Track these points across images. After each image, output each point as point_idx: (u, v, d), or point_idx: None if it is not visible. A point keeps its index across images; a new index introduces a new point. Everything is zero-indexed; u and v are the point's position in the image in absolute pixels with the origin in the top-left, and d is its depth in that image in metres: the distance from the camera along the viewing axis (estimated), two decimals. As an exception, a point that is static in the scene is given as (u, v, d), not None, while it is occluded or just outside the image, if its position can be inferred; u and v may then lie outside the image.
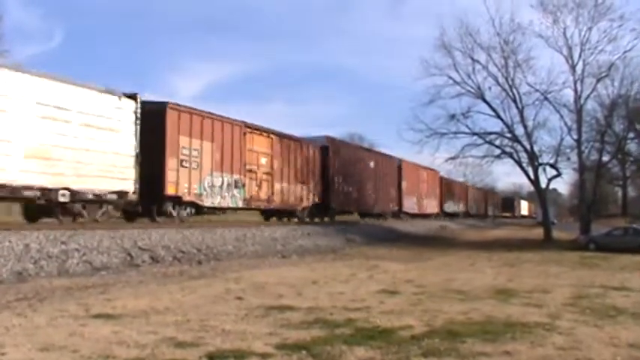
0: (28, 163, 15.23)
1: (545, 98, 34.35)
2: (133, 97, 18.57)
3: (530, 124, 34.98)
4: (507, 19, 33.84)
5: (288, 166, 27.38)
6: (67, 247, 13.89)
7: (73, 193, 16.50)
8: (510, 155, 35.97)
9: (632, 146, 41.62)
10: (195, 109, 21.32)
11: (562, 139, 35.56)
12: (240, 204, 23.96)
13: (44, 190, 15.69)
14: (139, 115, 18.63)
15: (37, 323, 7.47)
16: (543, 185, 37.01)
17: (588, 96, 34.59)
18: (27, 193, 15.35)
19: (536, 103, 34.81)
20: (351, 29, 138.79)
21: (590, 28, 32.98)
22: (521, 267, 17.98)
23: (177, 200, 20.42)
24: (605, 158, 38.37)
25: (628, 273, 16.63)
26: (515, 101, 34.53)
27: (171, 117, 19.87)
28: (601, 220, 46.31)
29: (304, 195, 29.12)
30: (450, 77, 34.69)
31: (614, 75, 35.41)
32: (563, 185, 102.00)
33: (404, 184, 43.53)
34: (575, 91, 34.05)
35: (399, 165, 42.84)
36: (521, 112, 34.60)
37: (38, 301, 9.20)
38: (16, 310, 8.33)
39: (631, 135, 39.31)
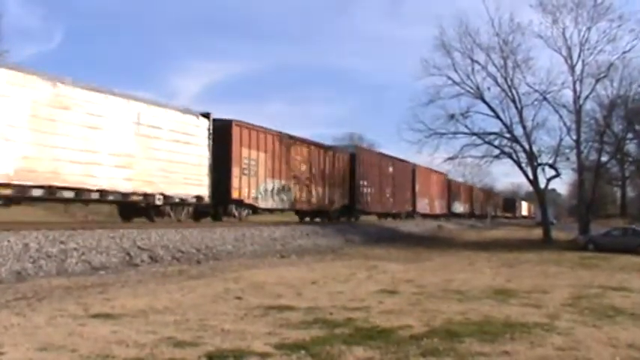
0: (133, 174, 18.49)
1: (545, 98, 34.41)
2: (206, 115, 21.82)
3: (529, 124, 35.05)
4: (506, 19, 33.90)
5: (324, 172, 31.04)
6: (66, 246, 13.89)
7: (166, 197, 19.84)
8: (509, 155, 36.01)
9: (631, 146, 41.77)
10: (252, 125, 24.59)
11: (561, 140, 35.63)
12: (287, 206, 27.86)
13: (146, 195, 19.09)
14: (211, 131, 21.76)
15: (36, 323, 7.46)
16: (542, 185, 37.05)
17: (587, 96, 34.67)
18: (134, 198, 18.83)
19: (536, 103, 34.88)
20: (350, 29, 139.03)
21: (589, 29, 33.06)
22: (520, 267, 18.00)
23: (239, 203, 23.74)
24: (604, 158, 38.46)
25: (627, 273, 16.65)
26: (514, 101, 34.59)
27: (235, 132, 23.18)
28: (600, 221, 46.39)
29: (336, 197, 32.62)
30: (449, 77, 34.75)
31: (613, 75, 35.50)
32: (562, 185, 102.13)
33: (417, 187, 46.88)
34: (575, 91, 34.12)
35: (413, 169, 45.77)
36: (520, 113, 34.64)
37: (37, 301, 9.19)
38: (15, 310, 8.32)
39: (630, 135, 39.38)
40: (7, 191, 15.05)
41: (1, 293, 9.80)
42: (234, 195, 23.15)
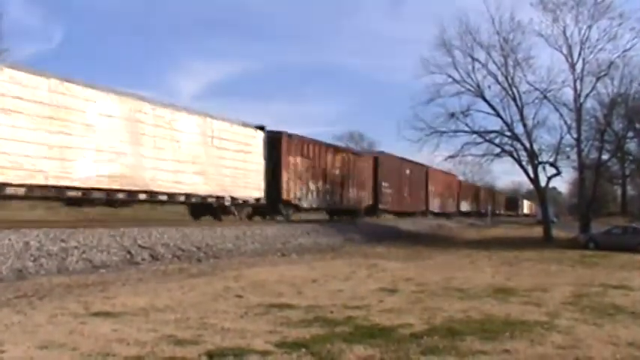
0: (208, 179, 21.93)
1: (545, 97, 34.29)
2: (262, 128, 25.36)
3: (529, 122, 34.90)
4: (507, 17, 33.71)
5: (353, 175, 34.48)
6: (66, 244, 13.90)
7: (233, 199, 23.39)
8: (510, 154, 35.90)
9: (631, 145, 41.63)
10: (297, 135, 28.27)
11: (562, 138, 35.49)
12: (324, 205, 31.76)
13: (218, 197, 22.60)
14: (265, 141, 25.21)
15: (37, 321, 7.47)
16: (543, 184, 36.96)
17: (588, 95, 34.53)
18: (209, 200, 22.28)
19: (536, 101, 34.73)
20: (351, 29, 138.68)
21: (589, 27, 32.90)
22: (521, 266, 18.00)
23: (287, 203, 27.18)
24: (605, 157, 38.26)
25: (627, 272, 16.64)
26: (514, 100, 34.46)
27: (284, 142, 26.60)
28: (600, 219, 46.29)
29: (363, 197, 36.17)
30: (450, 76, 34.60)
31: (613, 74, 35.31)
32: (562, 184, 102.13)
33: (430, 188, 50.21)
34: (575, 89, 34.01)
35: (426, 171, 48.84)
36: (520, 111, 34.54)
37: (38, 299, 9.21)
38: (16, 308, 8.34)
39: (630, 134, 39.30)
40: (122, 195, 18.33)
41: (2, 291, 9.82)
42: (284, 196, 26.60)
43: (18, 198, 16.07)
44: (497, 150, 36.11)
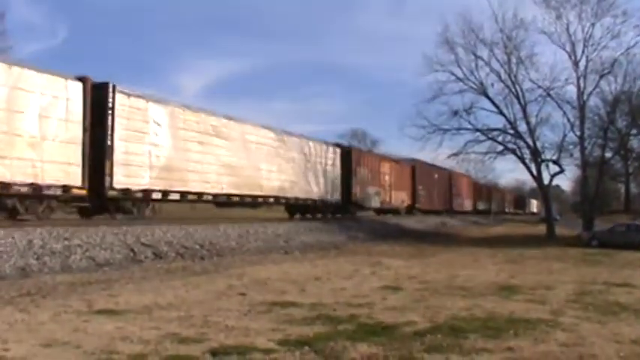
0: (308, 187, 29.10)
1: (548, 94, 34.21)
2: (339, 145, 34.44)
3: (532, 120, 34.83)
4: (510, 15, 33.62)
5: (397, 180, 40.79)
6: (70, 243, 13.92)
7: (323, 201, 30.72)
8: (513, 152, 35.85)
9: (634, 142, 41.32)
10: (360, 149, 39.62)
11: (565, 136, 35.43)
12: (379, 205, 37.97)
13: (313, 200, 29.69)
14: (340, 156, 32.82)
15: (40, 319, 7.49)
16: (546, 182, 36.94)
17: (591, 92, 34.47)
18: (307, 202, 29.41)
19: (539, 99, 34.66)
20: (354, 27, 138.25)
21: (593, 24, 32.83)
22: (524, 263, 17.97)
23: (355, 203, 33.93)
24: (608, 154, 38.12)
25: (631, 269, 16.60)
26: (517, 97, 34.38)
27: (354, 155, 34.08)
28: (604, 217, 46.21)
29: (404, 199, 42.85)
30: (453, 73, 34.59)
31: (617, 71, 35.16)
32: (565, 182, 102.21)
33: (453, 189, 57.12)
34: (578, 87, 33.93)
35: (449, 175, 55.29)
36: (523, 109, 34.46)
37: (41, 297, 9.22)
38: (20, 306, 8.35)
39: (634, 131, 39.06)
40: (236, 198, 23.83)
41: (6, 289, 9.83)
42: (353, 198, 33.41)
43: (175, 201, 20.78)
44: (501, 148, 36.14)
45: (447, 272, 14.65)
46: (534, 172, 35.74)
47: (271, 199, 26.18)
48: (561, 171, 37.02)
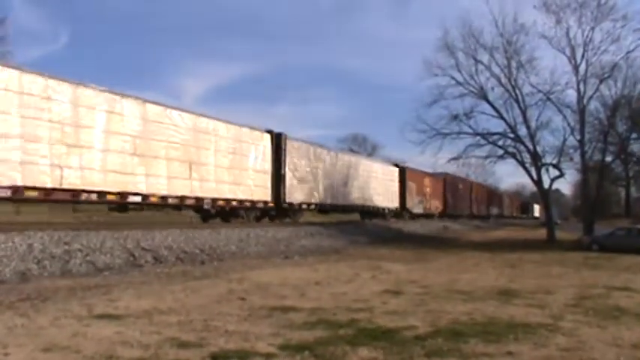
0: (373, 196, 38.59)
1: (548, 99, 34.29)
2: (398, 165, 44.66)
3: (533, 124, 34.94)
4: (510, 19, 33.82)
5: (433, 191, 51.53)
6: (70, 247, 13.92)
7: (384, 209, 40.34)
8: (513, 156, 35.92)
9: (635, 147, 41.35)
10: (410, 168, 46.32)
11: (565, 140, 35.51)
12: (422, 211, 48.46)
13: (378, 207, 39.34)
14: (398, 173, 43.45)
15: (40, 323, 7.48)
16: (546, 186, 36.97)
17: (591, 96, 34.52)
18: (370, 209, 38.45)
19: (539, 103, 34.78)
20: (355, 31, 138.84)
21: (593, 29, 32.91)
22: (524, 268, 17.95)
23: (408, 210, 44.78)
24: (608, 159, 38.14)
25: (631, 274, 16.59)
26: (518, 102, 34.47)
27: (408, 174, 44.83)
28: (604, 221, 46.21)
29: (438, 205, 53.58)
30: (453, 78, 34.74)
31: (617, 75, 35.27)
32: (566, 186, 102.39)
33: (472, 197, 67.50)
34: (578, 91, 33.99)
35: (470, 184, 67.45)
36: (524, 113, 34.54)
37: (41, 302, 9.21)
38: (19, 311, 8.34)
39: (634, 135, 39.13)
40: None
41: (6, 294, 9.83)
42: (407, 205, 44.64)
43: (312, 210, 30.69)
44: (501, 152, 36.25)
45: (447, 276, 14.64)
46: (534, 176, 35.80)
47: (371, 208, 38.73)
48: (561, 175, 37.10)
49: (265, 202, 26.11)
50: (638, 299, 11.23)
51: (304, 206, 29.62)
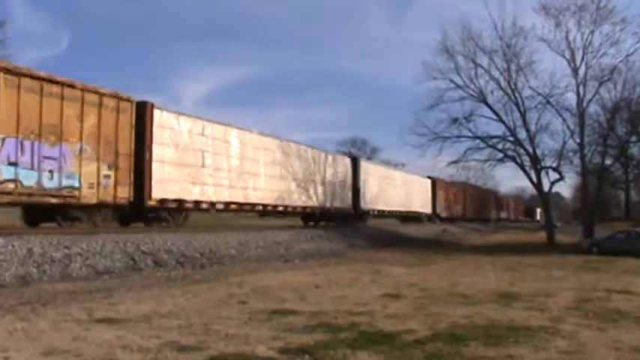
0: (407, 202, 45.93)
1: (548, 102, 34.30)
2: (430, 177, 50.17)
3: (532, 127, 34.91)
4: (510, 23, 33.79)
5: (455, 198, 60.09)
6: (70, 251, 13.91)
7: (419, 213, 48.85)
8: (513, 159, 35.90)
9: (634, 150, 41.32)
10: (439, 179, 50.95)
11: (565, 143, 35.50)
12: (448, 215, 56.13)
13: (423, 213, 49.87)
14: (430, 184, 51.09)
15: (40, 327, 7.48)
16: (546, 189, 36.97)
17: (591, 99, 34.53)
18: (408, 214, 46.72)
19: (539, 106, 34.76)
20: (354, 35, 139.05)
21: (592, 32, 32.95)
22: (524, 271, 17.93)
23: (437, 215, 52.82)
24: (608, 162, 38.11)
25: (631, 277, 16.57)
26: (517, 105, 34.46)
27: (438, 184, 52.33)
28: (604, 224, 46.20)
29: (459, 210, 61.95)
30: (453, 81, 34.73)
31: (616, 78, 35.27)
32: (565, 189, 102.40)
33: (484, 202, 76.73)
34: (578, 94, 34.01)
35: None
36: (523, 116, 34.53)
37: (41, 306, 9.21)
38: (19, 315, 8.34)
39: (633, 138, 39.12)
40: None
41: (6, 298, 9.82)
42: (437, 211, 52.75)
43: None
44: (500, 155, 36.21)
45: (447, 280, 14.64)
46: (534, 179, 35.78)
47: (405, 213, 46.09)
48: (561, 178, 37.11)
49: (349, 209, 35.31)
50: (638, 302, 11.21)
51: (373, 212, 38.92)
